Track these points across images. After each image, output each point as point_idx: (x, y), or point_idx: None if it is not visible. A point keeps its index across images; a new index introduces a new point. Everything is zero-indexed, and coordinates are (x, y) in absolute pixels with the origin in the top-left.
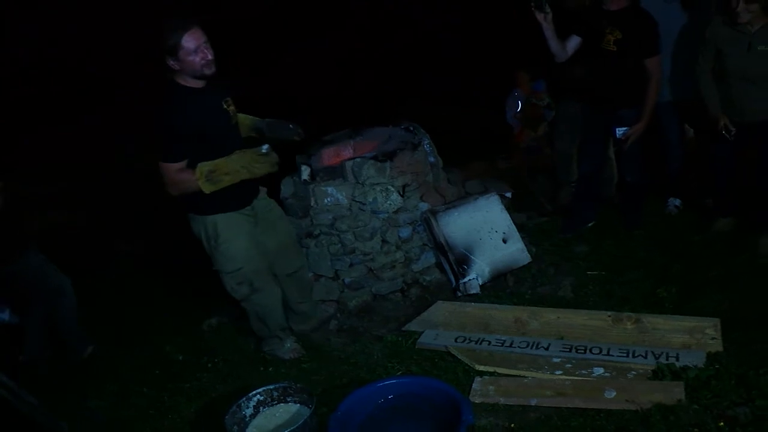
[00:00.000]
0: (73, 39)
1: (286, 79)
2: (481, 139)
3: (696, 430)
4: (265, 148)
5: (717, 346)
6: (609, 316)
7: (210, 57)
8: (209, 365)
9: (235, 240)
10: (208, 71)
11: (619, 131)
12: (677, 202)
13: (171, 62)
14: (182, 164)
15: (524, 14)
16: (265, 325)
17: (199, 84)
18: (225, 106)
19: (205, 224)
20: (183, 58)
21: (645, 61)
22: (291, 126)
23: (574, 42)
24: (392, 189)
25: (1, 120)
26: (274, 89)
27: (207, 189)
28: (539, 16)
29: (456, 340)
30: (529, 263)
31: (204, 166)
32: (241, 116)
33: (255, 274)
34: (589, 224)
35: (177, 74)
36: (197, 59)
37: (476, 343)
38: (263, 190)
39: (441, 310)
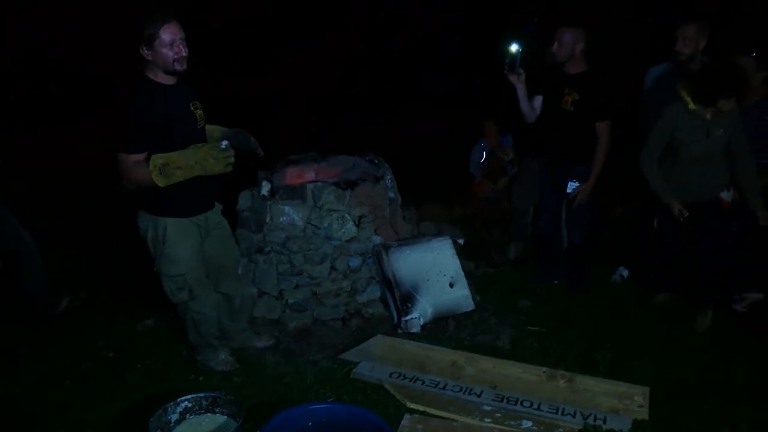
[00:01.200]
0: (73, 39)
1: (286, 79)
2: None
3: None
4: (224, 143)
5: (643, 413)
6: (544, 371)
7: (184, 53)
8: (139, 366)
9: (181, 246)
10: (179, 67)
11: (571, 185)
12: (625, 272)
13: (145, 51)
14: (140, 157)
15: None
16: (198, 334)
17: (168, 80)
18: (192, 108)
19: (155, 225)
20: (157, 49)
21: (596, 124)
22: (252, 139)
23: (538, 101)
24: (348, 218)
25: (1, 120)
26: (274, 89)
27: (161, 182)
28: (512, 78)
29: (391, 375)
30: (472, 310)
31: (158, 159)
32: (210, 127)
33: (195, 282)
34: (555, 281)
35: (148, 67)
36: (171, 53)
37: (411, 380)
38: (219, 206)
39: (380, 343)
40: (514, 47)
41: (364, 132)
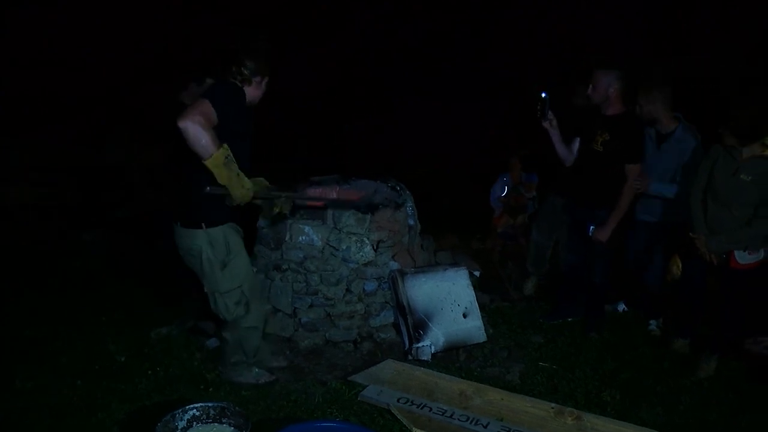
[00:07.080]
0: (73, 39)
1: (285, 79)
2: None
3: None
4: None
5: None
6: (552, 407)
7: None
8: (150, 372)
9: (241, 254)
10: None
11: (592, 228)
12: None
13: (257, 79)
14: (215, 116)
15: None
16: (244, 352)
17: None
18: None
19: (213, 239)
20: (262, 85)
21: (625, 166)
22: (276, 202)
23: (577, 144)
24: (367, 241)
25: (1, 120)
26: (275, 89)
27: (213, 164)
28: (545, 124)
29: (398, 400)
30: (483, 342)
31: (228, 151)
32: (260, 179)
33: (251, 291)
34: (570, 319)
35: (245, 84)
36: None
37: (418, 407)
38: None
39: (389, 368)
40: (542, 94)
41: (365, 133)
